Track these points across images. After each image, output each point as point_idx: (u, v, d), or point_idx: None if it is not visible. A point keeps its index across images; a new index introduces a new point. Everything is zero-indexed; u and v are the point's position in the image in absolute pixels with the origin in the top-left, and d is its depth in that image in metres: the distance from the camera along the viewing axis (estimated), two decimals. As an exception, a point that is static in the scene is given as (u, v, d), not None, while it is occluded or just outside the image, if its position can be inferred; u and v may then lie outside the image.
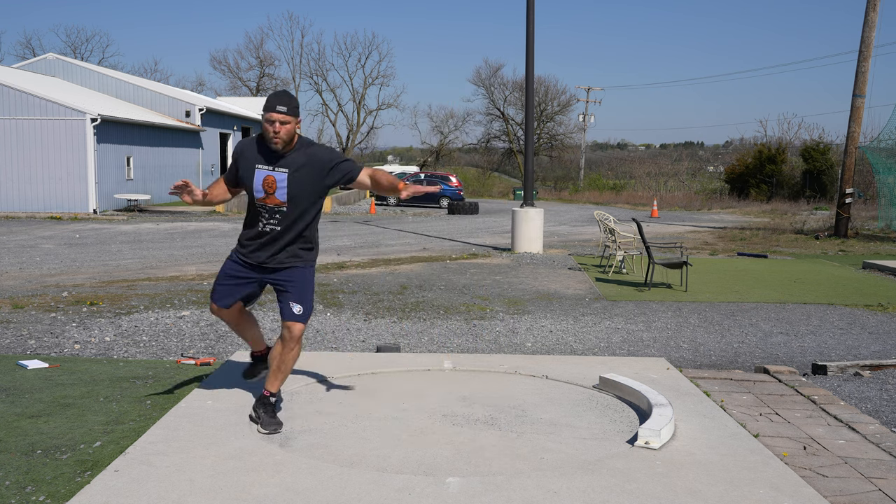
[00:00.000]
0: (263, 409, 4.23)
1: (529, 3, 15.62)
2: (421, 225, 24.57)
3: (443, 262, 13.72)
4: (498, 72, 76.24)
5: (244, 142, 4.28)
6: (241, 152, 4.22)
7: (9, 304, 8.99)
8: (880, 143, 22.55)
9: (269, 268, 4.23)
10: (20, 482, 3.63)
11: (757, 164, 45.27)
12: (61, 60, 36.74)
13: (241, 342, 7.18)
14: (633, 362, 5.98)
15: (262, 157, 4.14)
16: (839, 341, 7.72)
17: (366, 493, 3.41)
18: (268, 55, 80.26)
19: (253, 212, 4.22)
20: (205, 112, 35.97)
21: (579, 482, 3.57)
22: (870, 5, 20.12)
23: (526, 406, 4.78)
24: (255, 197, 4.15)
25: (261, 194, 4.13)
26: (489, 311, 8.97)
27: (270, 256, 4.22)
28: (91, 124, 25.92)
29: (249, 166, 4.16)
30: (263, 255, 4.22)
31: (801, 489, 3.57)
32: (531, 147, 16.79)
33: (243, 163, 4.19)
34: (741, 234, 22.02)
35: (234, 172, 4.25)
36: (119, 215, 25.99)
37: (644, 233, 11.65)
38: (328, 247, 16.88)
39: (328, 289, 10.41)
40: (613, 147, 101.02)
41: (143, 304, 9.02)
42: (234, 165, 4.24)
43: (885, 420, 5.15)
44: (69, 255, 14.82)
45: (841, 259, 15.58)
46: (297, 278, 4.23)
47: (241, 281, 4.29)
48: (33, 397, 5.05)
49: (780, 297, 10.39)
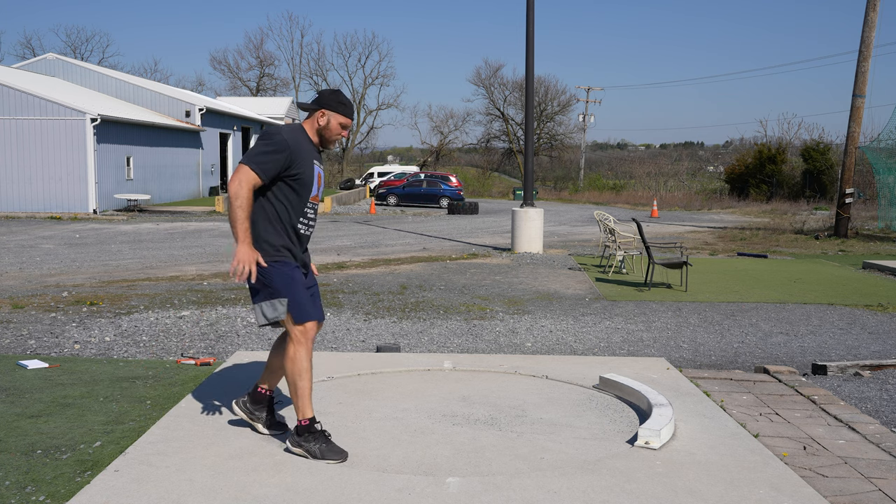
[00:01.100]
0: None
1: (529, 3, 15.62)
2: (421, 225, 24.57)
3: (443, 262, 13.72)
4: (498, 72, 76.40)
5: (291, 132, 3.85)
6: (297, 143, 3.81)
7: (9, 304, 8.99)
8: (880, 143, 22.56)
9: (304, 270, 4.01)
10: (20, 482, 3.63)
11: (757, 164, 45.28)
12: (61, 60, 36.74)
13: (240, 342, 7.19)
14: (633, 362, 5.98)
15: (314, 153, 3.91)
16: (839, 341, 7.72)
17: (366, 493, 3.41)
18: (268, 55, 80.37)
19: (298, 210, 3.86)
20: (205, 112, 35.98)
21: (579, 482, 3.57)
22: (870, 5, 20.12)
23: (526, 406, 4.78)
24: (311, 195, 3.88)
25: (315, 191, 3.90)
26: (489, 311, 8.97)
27: (304, 256, 4.02)
28: (91, 124, 25.93)
29: (308, 160, 3.84)
30: (302, 256, 3.98)
31: (801, 489, 3.57)
32: (531, 147, 16.79)
33: (302, 156, 3.81)
34: (741, 234, 22.02)
35: (282, 165, 3.75)
36: (119, 215, 26.00)
37: (644, 233, 11.65)
38: (328, 247, 16.88)
39: (328, 289, 10.41)
40: (613, 147, 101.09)
41: (143, 304, 9.02)
42: (286, 158, 3.75)
43: (885, 420, 5.15)
44: (69, 255, 14.82)
45: (841, 259, 15.58)
46: (313, 275, 4.15)
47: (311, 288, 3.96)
48: (33, 397, 5.05)
49: (780, 297, 10.39)
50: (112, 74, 37.51)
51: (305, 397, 3.78)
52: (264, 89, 70.01)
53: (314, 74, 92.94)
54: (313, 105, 3.91)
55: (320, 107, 3.89)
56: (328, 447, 3.79)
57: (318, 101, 3.91)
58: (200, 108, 35.72)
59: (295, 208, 3.84)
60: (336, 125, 3.90)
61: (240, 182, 3.67)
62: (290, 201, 3.83)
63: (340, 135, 3.93)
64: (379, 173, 47.80)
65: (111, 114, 27.69)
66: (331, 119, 3.89)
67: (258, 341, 7.23)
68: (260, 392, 4.13)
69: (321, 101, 3.90)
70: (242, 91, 69.36)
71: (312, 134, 3.94)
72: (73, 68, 36.51)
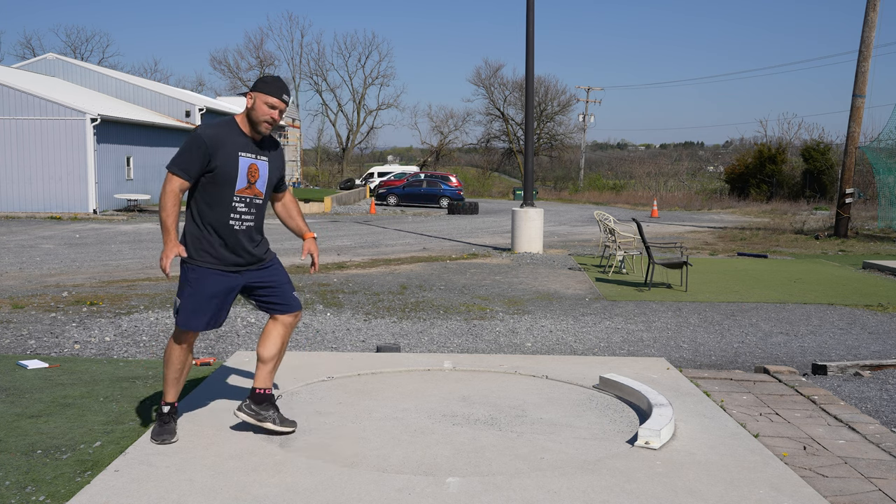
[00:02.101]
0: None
1: (529, 3, 15.62)
2: (421, 225, 24.57)
3: (443, 262, 13.72)
4: (498, 72, 76.41)
5: (212, 127, 3.86)
6: (216, 137, 3.81)
7: (9, 304, 8.99)
8: (880, 143, 22.56)
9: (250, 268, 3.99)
10: (20, 482, 3.63)
11: (757, 164, 45.28)
12: (61, 60, 36.75)
13: (240, 342, 7.19)
14: (633, 362, 5.98)
15: (242, 144, 3.88)
16: (839, 341, 7.72)
17: (366, 493, 3.41)
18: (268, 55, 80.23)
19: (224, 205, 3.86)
20: (205, 112, 35.97)
21: (579, 482, 3.57)
22: (870, 5, 20.12)
23: (526, 406, 4.78)
24: (236, 188, 3.85)
25: (244, 184, 3.88)
26: (489, 311, 8.97)
27: (251, 254, 3.97)
28: (91, 124, 25.93)
29: (231, 153, 3.82)
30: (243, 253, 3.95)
31: (801, 489, 3.57)
32: (531, 147, 16.79)
33: (222, 149, 3.80)
34: (741, 234, 22.02)
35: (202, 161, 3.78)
36: (119, 215, 26.00)
37: (644, 233, 11.65)
38: (328, 247, 16.88)
39: (328, 289, 10.41)
40: (613, 147, 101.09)
41: (143, 304, 9.02)
42: (203, 153, 3.77)
43: (885, 420, 5.15)
44: (69, 255, 14.82)
45: (841, 259, 15.58)
46: (280, 268, 4.14)
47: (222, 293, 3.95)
48: (33, 397, 5.05)
49: (780, 297, 10.39)
50: (112, 74, 37.52)
51: (168, 384, 4.05)
52: (264, 89, 69.96)
53: (314, 74, 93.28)
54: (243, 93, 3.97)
55: (249, 91, 3.93)
56: (157, 430, 4.02)
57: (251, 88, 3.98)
58: (200, 108, 35.71)
59: (219, 204, 3.85)
60: (262, 105, 3.86)
61: (163, 188, 3.80)
62: (213, 197, 3.85)
63: (269, 115, 3.88)
64: (379, 173, 47.80)
65: (111, 114, 27.69)
66: (256, 99, 3.88)
67: (257, 340, 7.22)
68: (259, 393, 4.11)
69: (251, 87, 3.94)
70: (243, 91, 69.39)
71: (244, 123, 3.93)
72: (73, 68, 36.51)
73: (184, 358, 4.02)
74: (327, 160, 69.39)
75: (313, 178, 58.73)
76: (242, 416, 4.06)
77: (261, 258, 4.04)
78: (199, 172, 3.79)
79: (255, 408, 4.08)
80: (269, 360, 4.09)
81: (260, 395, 4.10)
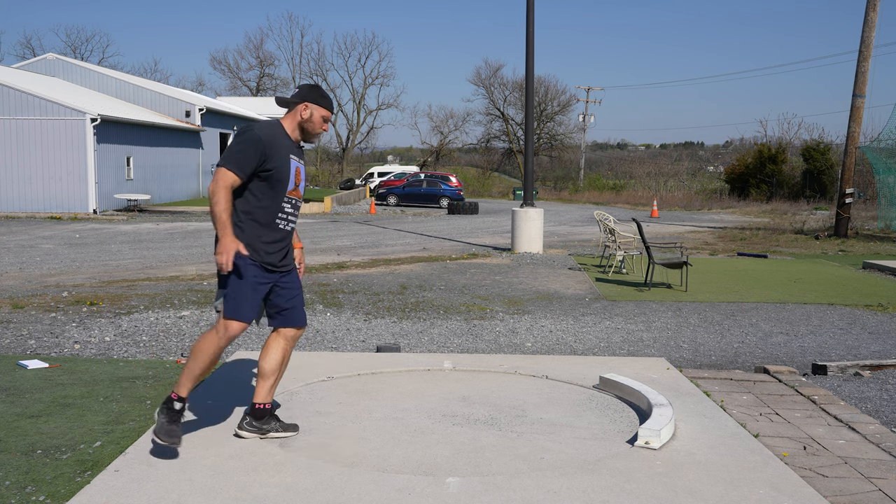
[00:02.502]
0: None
1: (529, 3, 15.62)
2: (421, 225, 24.57)
3: (443, 262, 13.72)
4: (498, 72, 76.41)
5: (265, 128, 3.88)
6: (272, 139, 3.84)
7: (9, 304, 8.99)
8: (880, 143, 22.56)
9: (281, 270, 3.99)
10: (20, 482, 3.63)
11: (757, 164, 45.28)
12: (61, 60, 36.73)
13: (241, 342, 7.18)
14: (633, 362, 5.98)
15: (290, 147, 3.93)
16: (839, 341, 7.72)
17: (366, 493, 3.41)
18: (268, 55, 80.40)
19: (275, 205, 3.88)
20: (205, 112, 35.97)
21: (579, 482, 3.57)
22: (870, 5, 20.12)
23: (526, 406, 4.78)
24: (287, 189, 3.90)
25: (293, 186, 3.92)
26: (489, 311, 8.97)
27: (285, 256, 3.99)
28: (91, 124, 25.93)
29: (284, 155, 3.87)
30: (279, 253, 3.94)
31: (801, 489, 3.57)
32: (531, 147, 16.79)
33: (277, 151, 3.84)
34: (741, 234, 22.02)
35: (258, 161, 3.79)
36: (119, 215, 25.99)
37: (644, 233, 11.65)
38: (328, 247, 16.88)
39: (328, 289, 10.41)
40: (613, 147, 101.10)
41: (143, 304, 9.02)
42: (261, 153, 3.78)
43: (885, 420, 5.15)
44: (69, 255, 14.82)
45: (841, 259, 15.58)
46: (298, 276, 4.14)
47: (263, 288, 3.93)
48: (33, 397, 5.05)
49: (780, 297, 10.39)
50: (112, 74, 37.51)
51: (190, 378, 3.83)
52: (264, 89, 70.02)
53: (314, 74, 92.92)
54: (295, 99, 3.95)
55: (303, 100, 3.93)
56: (167, 428, 3.76)
57: (300, 94, 3.95)
58: (200, 108, 35.71)
59: (271, 203, 3.88)
60: (319, 118, 3.96)
61: (216, 183, 3.73)
62: (266, 196, 3.86)
63: (323, 128, 3.99)
64: (379, 173, 47.80)
65: (111, 114, 27.69)
66: (314, 112, 3.94)
67: (258, 341, 7.22)
68: (259, 408, 4.08)
69: (303, 95, 3.95)
70: (242, 91, 69.39)
71: (292, 129, 3.97)
72: (73, 68, 36.50)
73: (218, 353, 3.86)
74: (327, 160, 69.39)
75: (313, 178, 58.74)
76: (245, 435, 4.05)
77: (291, 261, 4.06)
78: (252, 171, 3.79)
79: (256, 423, 4.07)
80: (269, 374, 4.04)
81: (260, 411, 4.08)
